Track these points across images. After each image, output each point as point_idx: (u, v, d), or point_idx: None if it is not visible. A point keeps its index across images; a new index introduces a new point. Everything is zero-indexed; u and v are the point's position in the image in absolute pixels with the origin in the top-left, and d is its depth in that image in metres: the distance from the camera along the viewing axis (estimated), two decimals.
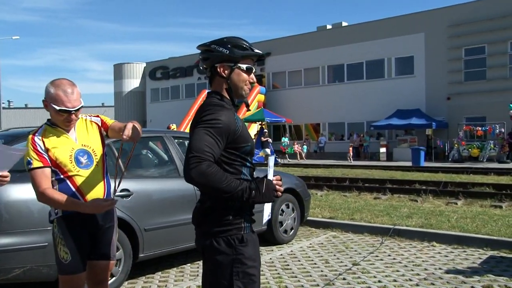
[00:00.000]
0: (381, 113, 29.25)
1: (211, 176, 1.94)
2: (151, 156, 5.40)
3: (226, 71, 2.16)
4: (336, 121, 33.04)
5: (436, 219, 7.07)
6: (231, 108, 2.17)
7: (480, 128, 24.29)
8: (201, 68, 2.21)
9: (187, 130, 2.93)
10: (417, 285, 4.43)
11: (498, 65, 26.67)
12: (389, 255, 5.52)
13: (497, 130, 23.69)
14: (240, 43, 2.18)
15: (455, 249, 5.73)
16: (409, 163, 20.54)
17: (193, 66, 40.36)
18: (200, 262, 5.34)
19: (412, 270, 4.90)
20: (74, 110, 2.62)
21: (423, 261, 5.25)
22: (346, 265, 5.12)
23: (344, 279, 4.65)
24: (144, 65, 45.10)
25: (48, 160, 2.60)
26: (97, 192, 2.70)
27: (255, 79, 2.24)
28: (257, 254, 2.18)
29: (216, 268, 2.10)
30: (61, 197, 2.54)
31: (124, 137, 2.56)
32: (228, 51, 2.13)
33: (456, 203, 8.74)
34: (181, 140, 5.46)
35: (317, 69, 34.33)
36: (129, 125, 2.62)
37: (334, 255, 5.57)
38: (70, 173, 2.63)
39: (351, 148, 26.76)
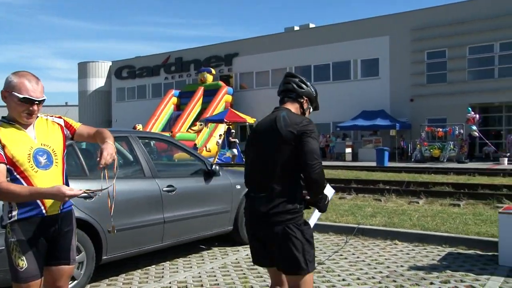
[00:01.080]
0: (347, 114, 29.72)
1: (324, 177, 2.67)
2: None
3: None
4: None
5: (399, 218, 7.25)
6: None
7: (441, 129, 25.01)
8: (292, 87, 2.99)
9: (154, 130, 2.98)
10: (379, 282, 4.54)
11: (458, 68, 27.54)
12: (353, 254, 5.63)
13: (457, 131, 24.46)
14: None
15: (416, 247, 5.90)
16: (374, 163, 20.94)
17: (160, 66, 40.00)
18: (166, 263, 5.33)
19: (375, 268, 5.01)
20: (37, 101, 2.50)
21: (386, 259, 5.38)
22: None
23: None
24: (110, 64, 44.35)
25: (4, 157, 2.44)
26: None
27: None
28: None
29: (296, 245, 2.64)
30: (19, 188, 2.39)
31: (101, 166, 2.46)
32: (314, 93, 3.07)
33: (418, 202, 8.98)
34: (146, 141, 5.41)
35: (284, 70, 34.49)
36: (105, 152, 2.50)
37: None
38: (26, 173, 2.49)
39: None
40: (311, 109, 3.07)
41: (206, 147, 28.01)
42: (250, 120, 27.20)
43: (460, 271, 4.85)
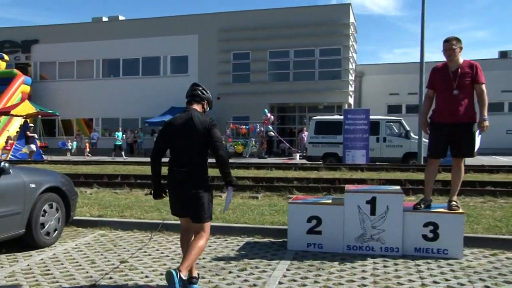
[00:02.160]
0: (156, 110, 29.64)
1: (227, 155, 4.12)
2: None
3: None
4: (110, 116, 32.18)
5: None
6: None
7: (244, 127, 26.75)
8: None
9: None
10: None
11: (260, 70, 29.81)
12: (157, 250, 5.63)
13: (258, 129, 26.49)
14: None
15: (218, 239, 6.19)
16: None
17: None
18: (19, 254, 4.58)
19: (178, 262, 5.10)
20: None
21: None
22: (113, 264, 5.04)
23: (110, 278, 4.56)
24: None
25: None
26: None
27: None
28: None
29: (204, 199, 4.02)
30: None
31: None
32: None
33: (221, 196, 9.42)
34: None
35: (91, 62, 32.82)
36: None
37: (102, 255, 5.42)
38: None
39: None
40: (208, 109, 4.40)
41: None
42: (52, 112, 25.11)
43: (256, 258, 5.25)
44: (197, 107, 4.24)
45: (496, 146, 27.73)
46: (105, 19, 34.08)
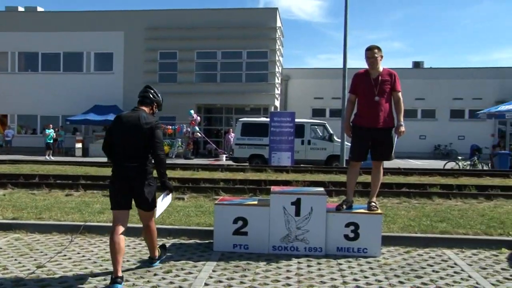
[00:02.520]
0: (78, 108, 28.46)
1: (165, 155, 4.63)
2: None
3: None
4: (28, 113, 30.44)
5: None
6: None
7: (170, 127, 26.37)
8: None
9: None
10: (104, 279, 4.49)
11: (187, 70, 29.55)
12: (78, 253, 5.41)
13: (184, 130, 26.22)
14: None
15: (143, 241, 6.02)
16: (105, 159, 20.56)
17: None
18: None
19: (101, 266, 4.94)
20: None
21: None
22: (29, 269, 4.76)
23: (25, 285, 4.31)
24: None
25: None
26: None
27: None
28: None
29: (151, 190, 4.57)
30: None
31: None
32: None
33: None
34: None
35: (5, 54, 30.83)
36: None
37: (16, 260, 5.10)
38: None
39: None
40: (157, 111, 4.85)
41: None
42: None
43: (182, 260, 5.21)
44: (145, 108, 4.69)
45: (410, 150, 29.51)
46: (21, 9, 32.13)
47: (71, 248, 5.63)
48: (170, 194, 4.84)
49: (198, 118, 27.03)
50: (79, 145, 26.34)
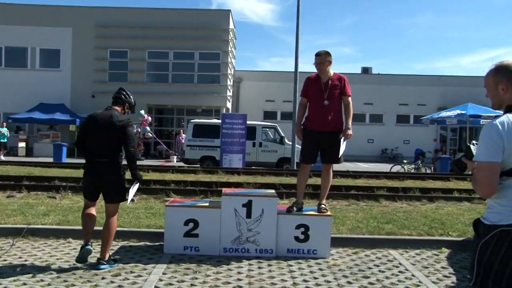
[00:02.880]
0: (22, 105, 27.30)
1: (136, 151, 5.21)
2: None
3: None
4: None
5: (74, 216, 7.07)
6: None
7: None
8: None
9: None
10: (49, 284, 4.34)
11: (138, 70, 29.03)
12: (20, 257, 5.20)
13: (135, 130, 25.69)
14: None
15: (93, 243, 5.89)
16: (51, 159, 19.90)
17: None
18: None
19: (45, 270, 4.77)
20: None
21: (57, 259, 5.19)
22: None
23: None
24: None
25: None
26: None
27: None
28: None
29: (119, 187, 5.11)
30: None
31: None
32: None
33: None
34: None
35: None
36: None
37: None
38: None
39: None
40: (130, 112, 5.31)
41: None
42: None
43: (131, 262, 5.11)
44: (118, 108, 5.14)
45: (359, 153, 30.29)
46: None
47: (12, 252, 5.40)
48: (138, 183, 5.26)
49: (149, 118, 26.57)
50: (22, 144, 25.29)
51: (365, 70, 36.21)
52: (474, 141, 2.74)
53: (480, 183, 2.48)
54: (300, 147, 6.27)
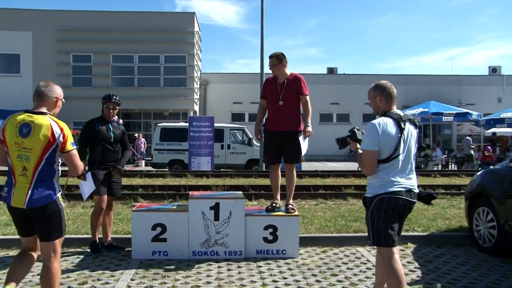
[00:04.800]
0: None
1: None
2: None
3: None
4: None
5: None
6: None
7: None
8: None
9: None
10: None
11: (102, 74, 28.55)
12: None
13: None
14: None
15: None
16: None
17: None
18: None
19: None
20: None
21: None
22: None
23: None
24: None
25: None
26: None
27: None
28: None
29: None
30: None
31: None
32: None
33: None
34: None
35: None
36: None
37: None
38: None
39: None
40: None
41: None
42: None
43: (98, 270, 5.02)
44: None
45: (327, 153, 30.61)
46: None
47: None
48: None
49: (121, 121, 26.17)
50: None
51: (331, 71, 36.63)
52: (357, 127, 3.92)
53: (365, 165, 3.63)
54: None
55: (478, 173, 6.67)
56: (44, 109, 3.67)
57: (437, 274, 4.99)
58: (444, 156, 22.45)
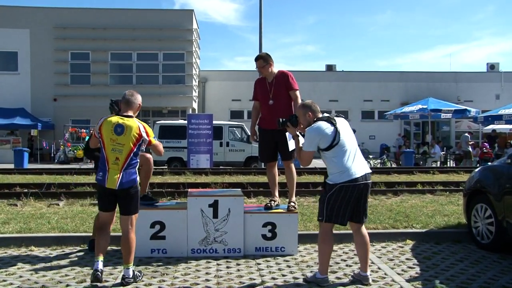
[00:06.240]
0: None
1: None
2: None
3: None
4: None
5: (36, 222, 6.91)
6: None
7: (84, 131, 25.33)
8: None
9: None
10: None
11: (101, 72, 28.50)
12: None
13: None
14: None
15: (55, 250, 5.77)
16: (12, 165, 19.33)
17: None
18: None
19: (5, 280, 4.62)
20: None
21: (18, 268, 5.03)
22: None
23: None
24: None
25: None
26: None
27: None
28: None
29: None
30: None
31: None
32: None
33: (58, 204, 8.78)
34: None
35: None
36: None
37: None
38: None
39: None
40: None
41: None
42: None
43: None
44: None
45: None
46: None
47: None
48: None
49: None
50: None
51: (329, 68, 36.61)
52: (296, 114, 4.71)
53: (303, 160, 4.53)
54: None
55: (476, 170, 6.68)
56: (130, 113, 4.69)
57: (435, 271, 4.99)
58: (443, 153, 22.47)
